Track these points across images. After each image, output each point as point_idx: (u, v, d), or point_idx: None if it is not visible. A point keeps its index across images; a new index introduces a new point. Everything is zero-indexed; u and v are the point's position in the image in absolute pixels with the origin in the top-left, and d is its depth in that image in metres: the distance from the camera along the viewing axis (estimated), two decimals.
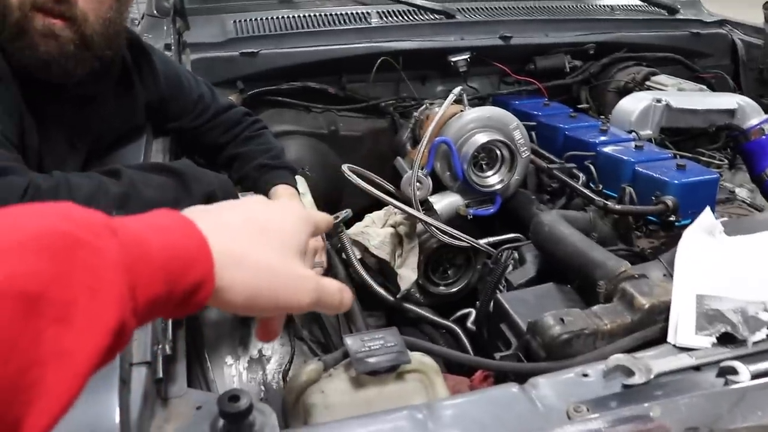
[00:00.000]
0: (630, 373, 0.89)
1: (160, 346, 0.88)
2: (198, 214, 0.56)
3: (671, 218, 1.45)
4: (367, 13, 2.27)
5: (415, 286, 1.72)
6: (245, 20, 2.21)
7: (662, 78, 2.14)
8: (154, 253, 0.49)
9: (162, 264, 0.49)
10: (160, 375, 0.85)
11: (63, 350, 0.41)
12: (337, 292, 0.66)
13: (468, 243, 1.60)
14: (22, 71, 1.15)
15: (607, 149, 1.68)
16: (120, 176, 1.09)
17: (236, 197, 1.26)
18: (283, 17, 2.24)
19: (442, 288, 1.78)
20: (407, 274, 1.67)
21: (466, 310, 1.63)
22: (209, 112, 1.58)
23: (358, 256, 1.69)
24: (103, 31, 1.20)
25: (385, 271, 1.72)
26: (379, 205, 1.77)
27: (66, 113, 1.27)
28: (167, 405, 0.86)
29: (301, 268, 0.62)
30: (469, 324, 1.57)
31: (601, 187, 1.64)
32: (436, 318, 1.66)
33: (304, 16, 2.24)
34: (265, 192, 1.47)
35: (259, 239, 0.60)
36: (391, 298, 1.65)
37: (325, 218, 0.75)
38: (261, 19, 2.22)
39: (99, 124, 1.35)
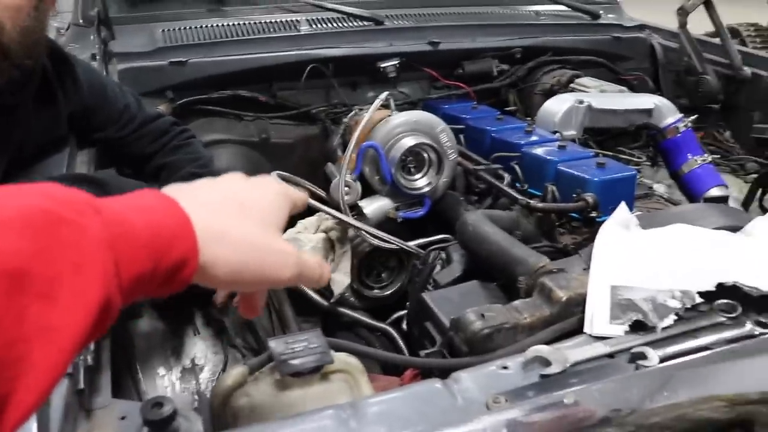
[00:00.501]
0: (547, 363, 0.93)
1: (81, 357, 0.87)
2: (179, 192, 0.57)
3: (592, 214, 1.50)
4: (297, 20, 2.28)
5: (349, 290, 1.73)
6: (174, 29, 2.19)
7: (586, 80, 2.21)
8: (138, 231, 0.50)
9: (146, 242, 0.50)
10: (82, 386, 0.84)
11: (48, 326, 0.41)
12: (317, 267, 0.69)
13: (398, 245, 1.62)
14: None
15: (532, 150, 1.73)
16: None
17: None
18: (212, 26, 2.23)
19: (376, 291, 1.80)
20: (340, 279, 1.68)
21: (401, 312, 1.65)
22: (135, 122, 1.57)
23: None
24: (21, 39, 1.17)
25: None
26: (311, 211, 1.78)
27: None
28: (91, 416, 0.86)
29: (282, 242, 0.64)
30: (404, 326, 1.60)
31: (526, 186, 1.68)
32: (370, 321, 1.68)
33: (234, 25, 2.23)
34: None
35: (240, 215, 0.61)
36: (326, 303, 1.66)
37: (301, 196, 0.76)
38: (190, 27, 2.21)
39: (19, 135, 1.33)
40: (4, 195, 0.44)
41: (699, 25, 2.46)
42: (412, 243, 1.65)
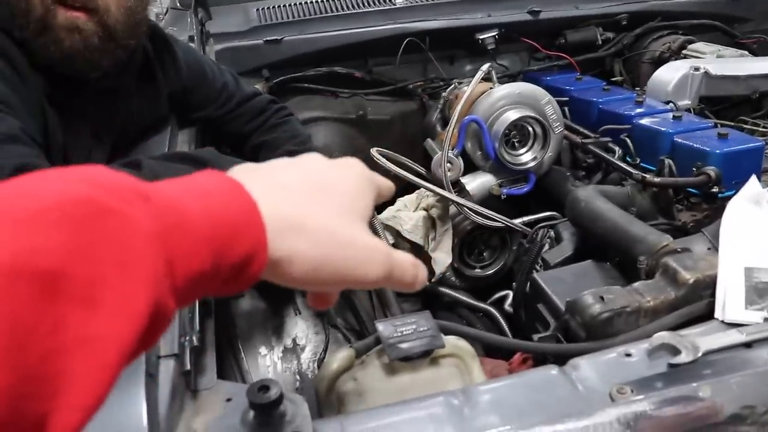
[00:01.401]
0: (676, 351, 0.85)
1: (187, 338, 0.86)
2: (247, 174, 0.49)
3: (714, 189, 1.38)
4: None
5: (450, 269, 1.69)
6: (268, 8, 2.19)
7: (699, 45, 2.06)
8: (195, 221, 0.42)
9: (205, 234, 0.43)
10: (188, 367, 0.83)
11: (90, 336, 0.36)
12: (411, 267, 0.57)
13: (502, 223, 1.56)
14: (44, 66, 1.14)
15: (644, 121, 1.62)
16: (140, 167, 1.07)
17: None
18: (306, 2, 2.22)
19: (477, 270, 1.75)
20: (441, 258, 1.63)
21: (503, 293, 1.60)
22: (234, 101, 1.57)
23: (391, 241, 1.66)
24: (126, 20, 1.18)
25: (419, 255, 1.69)
26: (410, 188, 1.74)
27: (89, 107, 1.26)
28: (197, 398, 0.84)
29: (369, 236, 0.54)
30: (506, 306, 1.54)
31: (638, 160, 1.58)
32: (472, 301, 1.63)
33: (328, 1, 2.21)
34: None
35: (320, 201, 0.52)
36: (427, 282, 1.62)
37: (387, 184, 0.66)
38: (284, 5, 2.20)
39: (123, 117, 1.34)
40: (41, 181, 0.38)
41: None
42: (517, 221, 1.58)
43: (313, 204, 0.51)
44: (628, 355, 0.87)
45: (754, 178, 1.20)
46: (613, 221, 1.19)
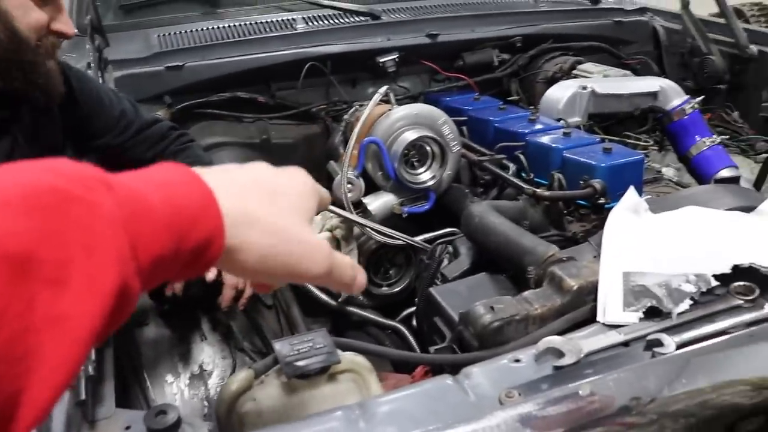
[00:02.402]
0: (560, 354, 0.90)
1: (82, 367, 0.85)
2: (203, 170, 0.53)
3: (601, 201, 1.47)
4: (293, 19, 2.26)
5: None
6: (169, 34, 2.18)
7: (588, 66, 2.18)
8: (156, 208, 0.45)
9: (165, 220, 0.45)
10: (83, 397, 0.82)
11: (59, 315, 0.37)
12: (350, 269, 0.62)
13: (404, 241, 1.60)
14: None
15: (537, 138, 1.70)
16: None
17: None
18: (208, 28, 2.21)
19: (385, 288, 1.77)
20: None
21: (411, 309, 1.63)
22: (133, 128, 1.55)
23: None
24: None
25: None
26: (318, 211, 1.75)
27: None
28: (95, 427, 0.84)
29: (315, 236, 0.59)
30: (414, 322, 1.57)
31: (532, 175, 1.65)
32: (380, 319, 1.66)
33: (230, 26, 2.22)
34: None
35: (272, 200, 0.56)
36: (334, 303, 1.64)
37: (327, 194, 0.71)
38: (186, 31, 2.19)
39: (14, 145, 1.31)
40: (8, 172, 0.40)
41: (701, 8, 2.43)
42: (418, 238, 1.63)
43: (264, 201, 0.55)
44: (517, 360, 0.91)
45: (632, 189, 1.28)
46: (505, 234, 1.25)
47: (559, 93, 1.94)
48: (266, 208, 0.55)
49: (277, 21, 2.25)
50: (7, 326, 0.35)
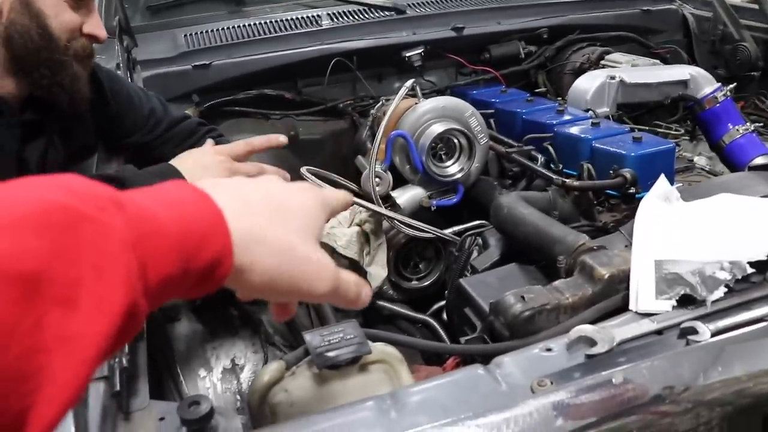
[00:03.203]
0: (593, 343, 0.89)
1: (116, 360, 0.86)
2: (213, 187, 0.53)
3: (631, 190, 1.45)
4: (318, 15, 2.26)
5: (387, 282, 1.71)
6: (196, 33, 2.19)
7: (616, 56, 2.15)
8: (166, 228, 0.46)
9: (175, 240, 0.46)
10: (118, 388, 0.84)
11: (68, 334, 0.38)
12: (355, 285, 0.63)
13: (433, 234, 1.59)
14: None
15: (565, 129, 1.68)
16: None
17: None
18: (234, 27, 2.22)
19: (414, 282, 1.77)
20: (377, 272, 1.66)
21: (442, 303, 1.63)
22: (162, 126, 1.57)
23: None
24: None
25: (356, 271, 1.71)
26: None
27: (15, 138, 1.25)
28: (129, 419, 0.85)
29: (321, 254, 0.59)
30: (444, 315, 1.57)
31: (561, 166, 1.64)
32: (410, 313, 1.66)
33: (255, 24, 2.23)
34: None
35: (279, 218, 0.56)
36: (369, 301, 1.64)
37: (342, 197, 0.71)
38: (212, 30, 2.21)
39: (49, 148, 1.33)
40: (21, 188, 0.40)
41: None
42: (447, 230, 1.62)
43: (273, 220, 0.55)
44: (549, 350, 0.91)
45: (662, 177, 1.26)
46: (534, 225, 1.24)
47: (587, 83, 1.92)
48: (274, 227, 0.55)
49: (303, 18, 2.26)
50: (17, 344, 0.35)
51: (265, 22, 2.23)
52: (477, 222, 1.61)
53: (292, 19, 2.25)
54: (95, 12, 1.28)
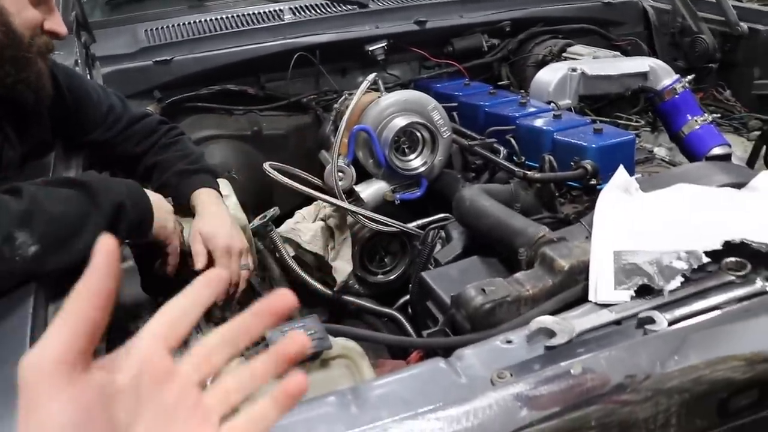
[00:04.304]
0: (552, 334, 0.90)
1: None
2: None
3: (592, 182, 1.47)
4: (280, 10, 2.25)
5: (353, 277, 1.71)
6: (157, 28, 2.17)
7: (578, 48, 2.17)
8: None
9: None
10: None
11: None
12: None
13: (396, 228, 1.59)
14: None
15: (527, 121, 1.69)
16: (21, 193, 1.05)
17: (147, 203, 1.23)
18: (195, 22, 2.21)
19: (380, 276, 1.77)
20: (342, 266, 1.66)
21: (408, 296, 1.63)
22: (122, 123, 1.54)
23: (292, 254, 1.67)
24: None
25: (322, 266, 1.71)
26: (309, 201, 1.76)
27: None
28: None
29: None
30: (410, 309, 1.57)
31: (523, 159, 1.65)
32: (376, 307, 1.66)
33: (217, 19, 2.21)
34: (187, 197, 1.44)
35: None
36: (329, 292, 1.64)
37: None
38: (173, 26, 2.19)
39: (5, 145, 1.31)
40: None
41: None
42: (411, 224, 1.62)
43: None
44: (509, 342, 0.91)
45: (621, 168, 1.28)
46: (496, 217, 1.24)
47: (549, 76, 1.93)
48: None
49: (265, 12, 2.25)
50: None
51: (227, 17, 2.22)
52: (441, 215, 1.61)
53: (253, 13, 2.24)
54: (55, 8, 1.26)
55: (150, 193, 1.27)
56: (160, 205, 1.28)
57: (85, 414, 0.42)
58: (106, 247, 0.44)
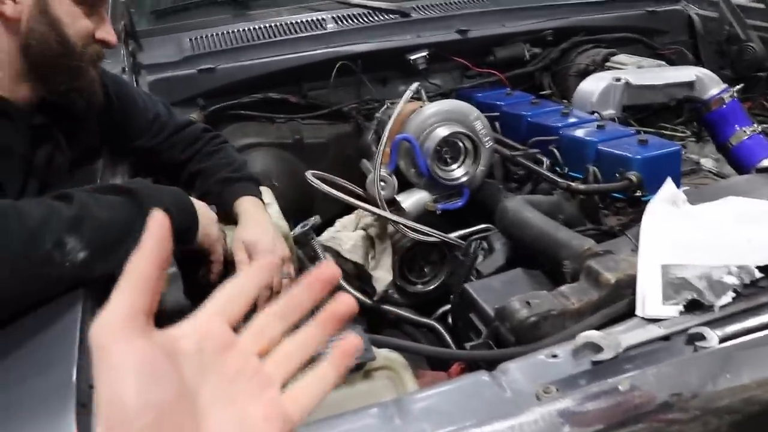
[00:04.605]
0: (599, 349, 0.89)
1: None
2: None
3: (637, 193, 1.44)
4: (323, 19, 2.26)
5: (392, 287, 1.71)
6: (201, 37, 2.20)
7: (621, 57, 2.14)
8: None
9: None
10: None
11: None
12: None
13: (438, 238, 1.59)
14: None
15: (570, 132, 1.68)
16: (71, 199, 1.07)
17: (193, 211, 1.24)
18: (239, 31, 2.23)
19: (419, 286, 1.77)
20: (382, 276, 1.65)
21: (447, 307, 1.62)
22: (167, 130, 1.57)
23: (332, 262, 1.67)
24: None
25: (361, 275, 1.71)
26: (349, 210, 1.76)
27: (21, 141, 1.25)
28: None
29: None
30: (450, 320, 1.56)
31: (566, 169, 1.63)
32: (415, 317, 1.65)
33: (260, 28, 2.23)
34: (230, 204, 1.46)
35: None
36: (369, 301, 1.64)
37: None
38: (217, 34, 2.21)
39: (56, 152, 1.34)
40: None
41: None
42: (453, 234, 1.62)
43: None
44: (555, 356, 0.90)
45: (669, 180, 1.26)
46: (539, 228, 1.23)
47: (593, 85, 1.91)
48: None
49: (307, 21, 2.26)
50: None
51: (270, 26, 2.23)
52: (482, 226, 1.60)
53: (296, 22, 2.25)
54: (107, 18, 1.30)
55: (195, 201, 1.29)
56: (205, 213, 1.30)
57: (151, 365, 0.43)
58: (158, 219, 0.46)
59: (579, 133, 1.65)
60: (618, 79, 1.88)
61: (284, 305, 0.51)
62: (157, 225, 0.46)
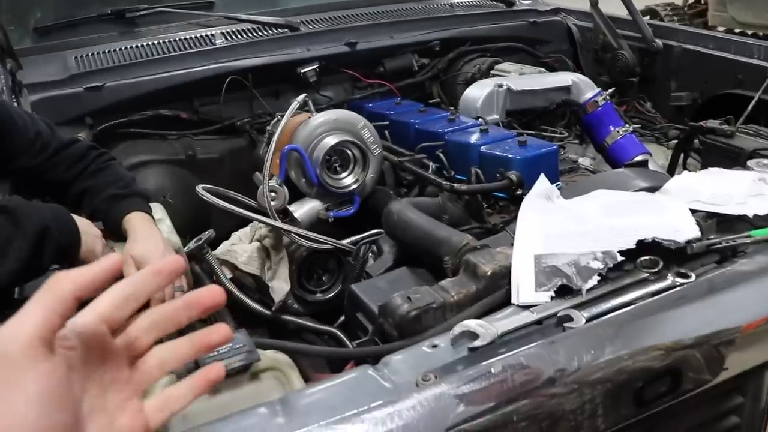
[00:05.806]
0: (475, 336, 0.93)
1: None
2: None
3: (518, 192, 1.51)
4: (212, 35, 2.26)
5: (291, 296, 1.71)
6: (87, 55, 2.15)
7: (505, 65, 2.24)
8: None
9: None
10: None
11: None
12: None
13: (330, 245, 1.61)
14: None
15: (455, 136, 1.74)
16: None
17: (74, 228, 1.22)
18: (126, 48, 2.19)
19: (319, 295, 1.78)
20: (279, 286, 1.66)
21: None
22: (49, 149, 1.53)
23: (229, 276, 1.67)
24: None
25: (260, 287, 1.71)
26: (246, 223, 1.76)
27: None
28: None
29: None
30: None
31: (453, 173, 1.69)
32: (315, 325, 1.66)
33: (148, 45, 2.20)
34: (119, 221, 1.43)
35: None
36: (268, 312, 1.64)
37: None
38: (104, 52, 2.17)
39: None
40: None
41: (614, 5, 2.52)
42: (345, 241, 1.64)
43: None
44: (435, 346, 0.94)
45: (542, 177, 1.33)
46: (421, 228, 1.28)
47: (477, 92, 1.99)
48: None
49: (196, 37, 2.25)
50: None
51: (159, 42, 2.21)
52: (373, 231, 1.63)
53: (185, 38, 2.24)
54: None
55: (77, 217, 1.26)
56: (87, 229, 1.27)
57: (54, 390, 0.44)
58: (112, 262, 0.49)
59: (463, 137, 1.72)
60: (500, 86, 1.97)
61: (162, 315, 0.53)
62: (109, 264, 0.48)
